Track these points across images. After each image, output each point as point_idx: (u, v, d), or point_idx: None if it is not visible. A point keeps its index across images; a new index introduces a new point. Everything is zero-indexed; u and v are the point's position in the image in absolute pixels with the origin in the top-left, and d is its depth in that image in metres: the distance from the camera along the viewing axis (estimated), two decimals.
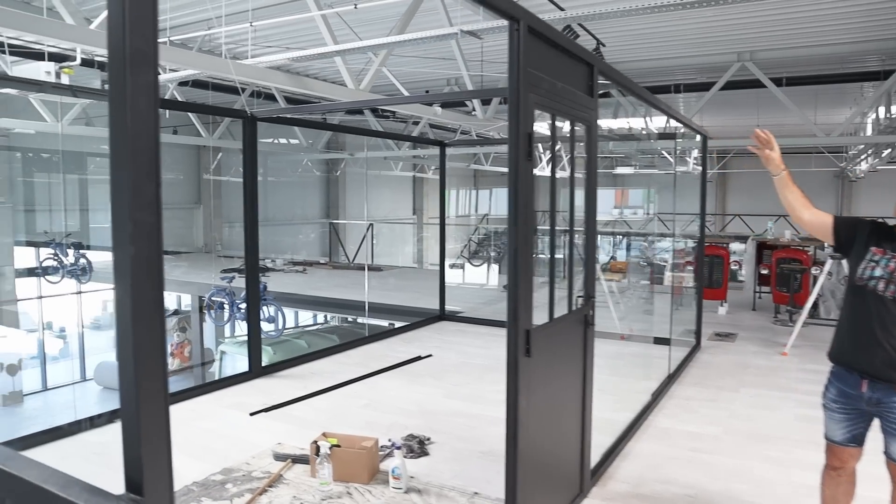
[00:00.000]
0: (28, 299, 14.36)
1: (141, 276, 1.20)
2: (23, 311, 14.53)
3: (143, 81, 1.18)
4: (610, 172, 22.44)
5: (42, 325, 15.69)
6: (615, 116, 13.87)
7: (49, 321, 16.18)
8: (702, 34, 9.66)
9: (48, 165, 14.10)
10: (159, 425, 1.29)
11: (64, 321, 16.52)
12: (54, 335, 16.64)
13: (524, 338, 2.76)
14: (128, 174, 1.18)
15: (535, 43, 2.74)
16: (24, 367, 13.99)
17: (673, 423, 5.00)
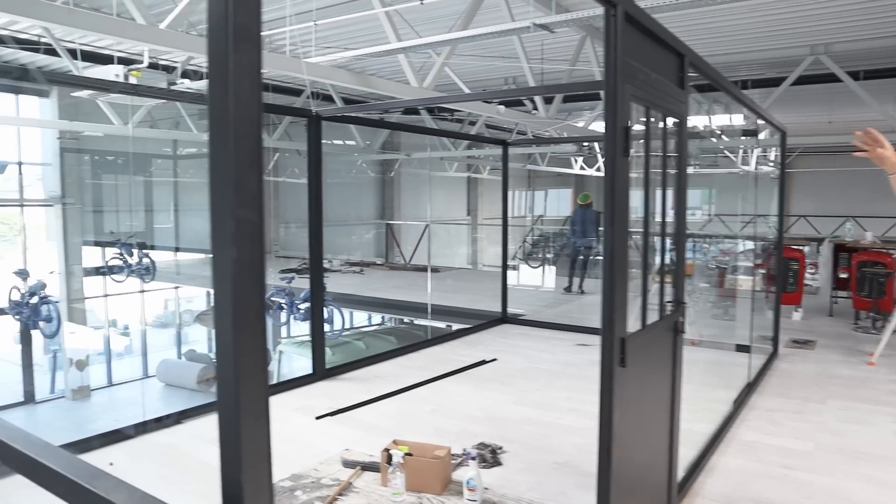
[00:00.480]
0: (95, 297, 14.76)
1: (243, 281, 1.07)
2: (89, 309, 14.92)
3: (246, 61, 1.05)
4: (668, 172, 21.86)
5: (108, 323, 16.12)
6: None
7: (114, 319, 16.62)
8: (773, 27, 9.26)
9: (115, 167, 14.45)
10: (262, 444, 1.16)
11: (128, 319, 16.95)
12: (119, 332, 17.08)
13: (619, 346, 2.57)
14: (229, 165, 1.05)
15: (630, 31, 2.55)
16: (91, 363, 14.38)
17: (758, 437, 4.71)
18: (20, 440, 1.49)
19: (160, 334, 17.75)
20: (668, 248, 3.45)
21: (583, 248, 11.39)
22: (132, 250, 13.17)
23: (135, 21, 4.52)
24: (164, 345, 17.50)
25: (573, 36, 9.14)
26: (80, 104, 11.23)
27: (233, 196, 1.04)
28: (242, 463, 1.12)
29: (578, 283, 11.44)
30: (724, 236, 15.30)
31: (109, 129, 10.62)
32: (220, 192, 1.05)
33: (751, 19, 8.84)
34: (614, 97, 2.43)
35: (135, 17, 4.52)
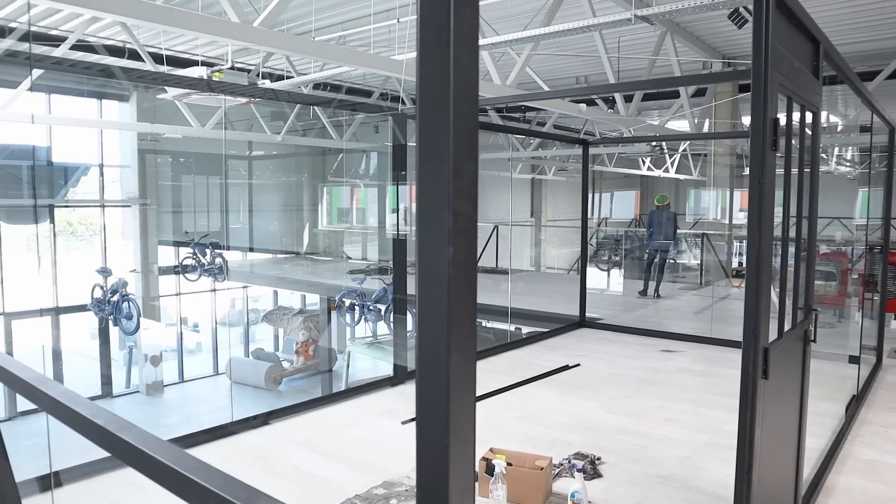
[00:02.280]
0: (168, 296, 15.13)
1: (460, 286, 0.93)
2: (163, 307, 15.30)
3: (467, 26, 0.91)
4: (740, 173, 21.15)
5: (180, 321, 16.52)
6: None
7: (186, 317, 17.02)
8: (870, 17, 8.79)
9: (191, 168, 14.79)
10: (467, 481, 1.02)
11: (199, 317, 17.34)
12: (190, 330, 17.49)
13: (763, 357, 2.36)
14: (445, 150, 0.90)
15: (778, 16, 2.35)
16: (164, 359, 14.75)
17: (877, 455, 4.39)
18: (135, 436, 1.41)
19: (230, 332, 18.11)
20: None
21: (659, 250, 11.04)
22: (205, 250, 13.43)
23: (229, 20, 4.51)
24: (233, 342, 17.85)
25: (651, 33, 8.87)
26: (159, 107, 11.51)
27: (451, 186, 0.90)
28: (450, 467, 0.98)
29: (655, 287, 11.09)
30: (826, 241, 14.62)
31: (189, 132, 10.83)
32: (433, 182, 0.91)
33: (843, 9, 8.41)
34: (764, 86, 2.22)
35: (229, 16, 4.51)
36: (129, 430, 1.45)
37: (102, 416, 1.52)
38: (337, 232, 19.62)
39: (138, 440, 1.39)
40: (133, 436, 1.42)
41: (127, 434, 1.43)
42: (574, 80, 12.22)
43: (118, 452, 1.43)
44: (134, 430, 1.45)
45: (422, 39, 0.92)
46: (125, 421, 1.50)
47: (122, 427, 1.46)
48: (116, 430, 1.45)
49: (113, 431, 1.45)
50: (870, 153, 12.37)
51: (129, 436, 1.42)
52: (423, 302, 0.97)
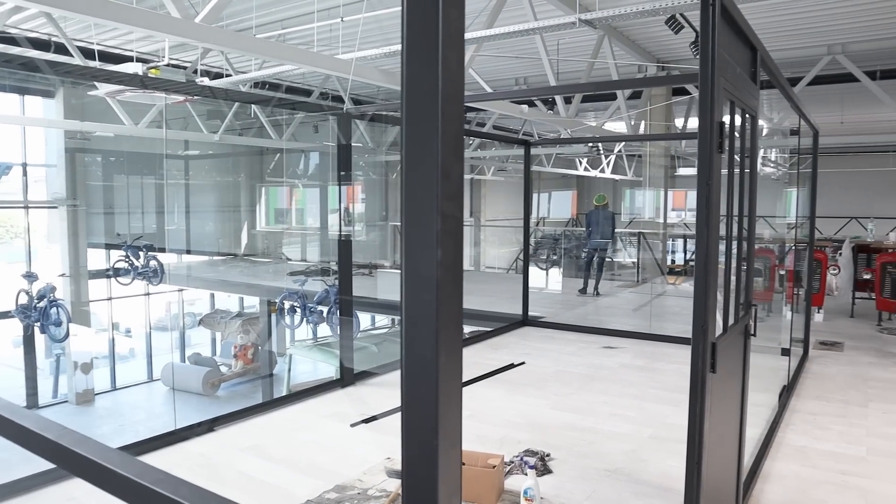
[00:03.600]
0: (100, 300, 14.59)
1: (448, 288, 0.94)
2: (93, 312, 14.75)
3: (454, 28, 0.92)
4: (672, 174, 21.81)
5: (112, 326, 15.95)
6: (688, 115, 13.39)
7: (118, 322, 16.45)
8: (792, 27, 9.21)
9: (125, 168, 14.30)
10: (454, 482, 1.03)
11: (133, 322, 16.79)
12: (123, 336, 16.91)
13: (711, 351, 2.45)
14: (434, 152, 0.91)
15: (723, 23, 2.44)
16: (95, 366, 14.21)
17: (808, 441, 4.60)
18: (83, 445, 1.36)
19: (165, 337, 17.59)
20: None
21: (598, 249, 11.29)
22: (139, 253, 13.00)
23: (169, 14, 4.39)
24: (168, 348, 17.35)
25: (590, 36, 9.05)
26: (89, 104, 11.08)
27: (439, 188, 0.90)
28: (438, 470, 0.99)
29: (594, 285, 11.33)
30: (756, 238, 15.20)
31: (122, 130, 10.46)
32: (420, 185, 0.92)
33: (771, 18, 8.77)
34: (711, 91, 2.31)
35: (169, 11, 4.39)
36: (84, 443, 1.40)
37: (53, 430, 1.45)
38: (276, 233, 19.30)
39: (97, 454, 1.34)
40: (90, 449, 1.37)
41: (83, 448, 1.37)
42: (514, 82, 12.37)
43: (74, 468, 1.38)
44: (90, 444, 1.40)
45: (408, 41, 0.92)
46: (79, 434, 1.45)
47: (76, 441, 1.41)
48: (71, 445, 1.39)
49: (67, 446, 1.39)
50: (798, 155, 13.01)
51: (85, 450, 1.36)
52: (410, 304, 0.97)
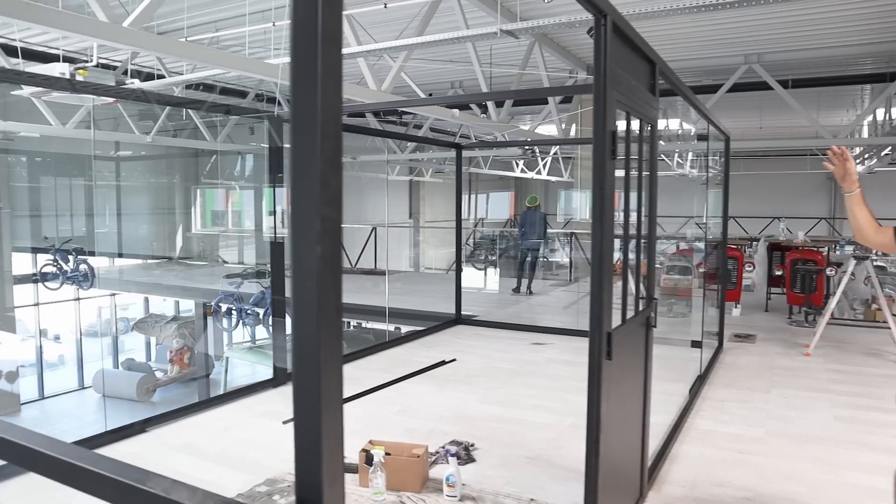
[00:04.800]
0: (26, 306, 14.17)
1: (327, 278, 1.12)
2: (19, 318, 14.30)
3: (332, 62, 1.10)
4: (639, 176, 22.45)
5: (39, 332, 15.48)
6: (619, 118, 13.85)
7: (46, 328, 15.97)
8: (711, 37, 9.70)
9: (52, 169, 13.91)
10: (337, 443, 1.21)
11: (62, 328, 16.32)
12: (52, 342, 16.42)
13: (606, 340, 2.69)
14: (315, 165, 1.09)
15: (616, 40, 2.69)
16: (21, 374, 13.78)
17: (713, 425, 4.95)
18: (41, 442, 1.48)
19: (96, 343, 17.15)
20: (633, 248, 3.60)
21: (531, 249, 11.61)
22: (68, 256, 12.69)
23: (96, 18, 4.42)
24: (100, 354, 16.91)
25: (522, 43, 9.34)
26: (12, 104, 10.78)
27: (318, 195, 1.08)
28: (322, 448, 1.16)
29: (527, 285, 11.65)
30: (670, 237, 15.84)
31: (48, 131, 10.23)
32: (304, 192, 1.09)
33: (693, 28, 9.23)
34: (603, 102, 2.55)
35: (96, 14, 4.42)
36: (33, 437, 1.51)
37: None
38: (212, 235, 19.06)
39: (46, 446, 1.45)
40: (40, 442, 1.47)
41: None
42: (450, 85, 12.60)
43: None
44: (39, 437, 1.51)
45: (294, 73, 1.10)
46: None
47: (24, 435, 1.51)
48: None
49: None
50: (707, 158, 13.64)
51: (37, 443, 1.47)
52: (297, 292, 1.15)
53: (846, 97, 13.94)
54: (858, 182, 3.06)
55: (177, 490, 1.33)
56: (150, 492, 1.32)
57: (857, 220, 3.05)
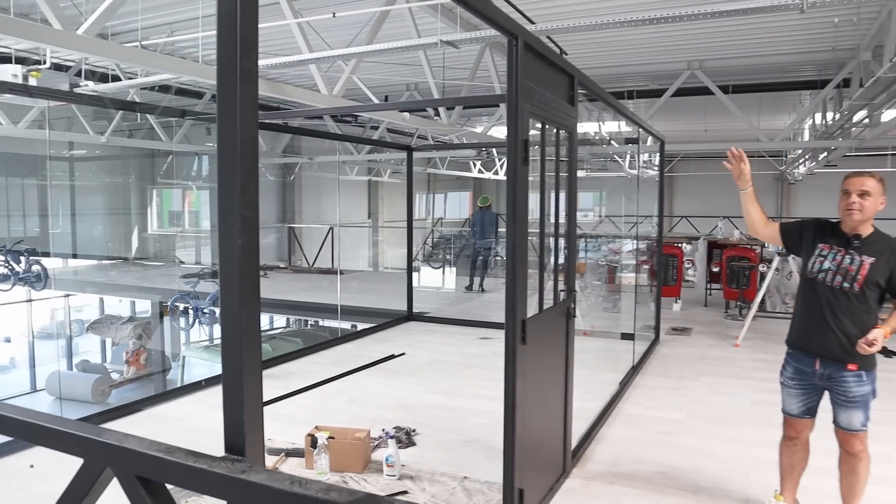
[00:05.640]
0: None
1: (247, 263, 1.40)
2: None
3: (249, 95, 1.38)
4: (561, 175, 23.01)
5: None
6: None
7: None
8: (655, 44, 10.11)
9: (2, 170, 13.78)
10: (257, 395, 1.49)
11: (13, 330, 16.11)
12: (2, 344, 16.21)
13: (521, 327, 3.01)
14: (236, 176, 1.38)
15: (529, 57, 3.00)
16: None
17: (641, 410, 5.34)
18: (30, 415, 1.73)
19: (49, 345, 16.96)
20: (562, 245, 3.94)
21: (483, 248, 11.95)
22: (20, 257, 12.60)
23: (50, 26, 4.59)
24: (54, 356, 16.73)
25: (475, 47, 9.65)
26: None
27: (239, 199, 1.37)
28: (244, 413, 1.44)
29: (479, 282, 11.99)
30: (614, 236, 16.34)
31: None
32: (227, 196, 1.38)
33: (637, 36, 9.62)
34: (515, 114, 2.86)
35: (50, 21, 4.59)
36: None
37: None
38: (168, 236, 18.97)
39: None
40: None
41: None
42: (405, 87, 12.86)
43: None
44: None
45: (219, 106, 1.39)
46: None
47: None
48: None
49: None
50: (637, 161, 14.13)
51: None
52: (223, 277, 1.43)
53: (788, 102, 14.56)
54: (752, 181, 3.44)
55: (176, 452, 1.56)
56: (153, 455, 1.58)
57: (750, 215, 3.44)
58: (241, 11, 1.38)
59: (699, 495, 3.82)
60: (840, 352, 3.11)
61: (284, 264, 18.04)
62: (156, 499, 1.49)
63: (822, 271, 3.17)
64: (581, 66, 11.26)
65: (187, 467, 1.39)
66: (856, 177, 3.13)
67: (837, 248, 3.16)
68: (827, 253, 3.19)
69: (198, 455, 1.47)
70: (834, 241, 3.19)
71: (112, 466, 1.54)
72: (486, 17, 2.62)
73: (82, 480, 1.57)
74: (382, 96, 12.54)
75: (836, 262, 3.14)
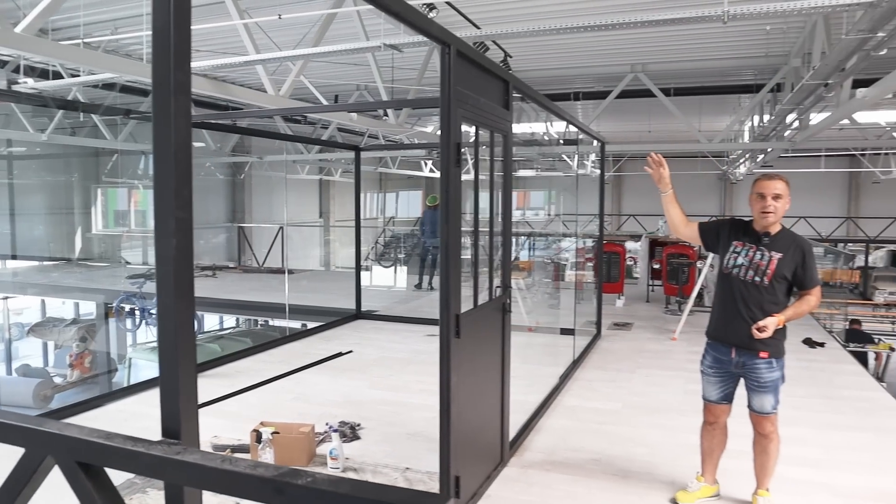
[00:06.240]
0: None
1: (181, 261, 1.51)
2: None
3: (183, 106, 1.50)
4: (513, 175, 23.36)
5: None
6: (518, 121, 14.62)
7: None
8: (599, 47, 10.39)
9: None
10: (192, 383, 1.60)
11: None
12: None
13: (455, 321, 3.16)
14: (171, 181, 1.49)
15: (461, 64, 3.15)
16: None
17: (579, 402, 5.56)
18: None
19: None
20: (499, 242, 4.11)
21: (432, 247, 12.08)
22: None
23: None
24: None
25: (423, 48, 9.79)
26: None
27: (174, 202, 1.48)
28: (180, 395, 1.56)
29: (428, 280, 12.13)
30: (560, 234, 16.70)
31: None
32: (163, 199, 1.49)
33: (582, 39, 9.86)
34: (448, 118, 3.01)
35: None
36: None
37: None
38: (114, 236, 18.60)
39: None
40: None
41: None
42: (355, 88, 12.92)
43: None
44: None
45: (154, 115, 1.50)
46: None
47: None
48: None
49: None
50: (579, 161, 14.45)
51: None
52: (159, 272, 1.54)
53: (728, 105, 15.09)
54: (671, 184, 3.66)
55: (114, 437, 1.66)
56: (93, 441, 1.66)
57: (671, 216, 3.67)
58: (174, 27, 1.49)
59: (629, 479, 4.04)
60: (752, 341, 3.35)
61: (234, 264, 17.88)
62: (95, 483, 1.58)
63: (736, 266, 3.42)
64: (529, 69, 11.56)
65: (126, 451, 1.49)
66: (768, 180, 3.38)
67: (750, 244, 3.41)
68: (740, 250, 3.43)
69: (136, 440, 1.58)
70: (746, 239, 3.44)
71: (53, 454, 1.62)
72: (418, 28, 2.76)
73: (24, 468, 1.65)
74: (332, 96, 12.58)
75: (748, 257, 3.39)
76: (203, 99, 12.59)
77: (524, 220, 23.83)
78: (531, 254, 16.06)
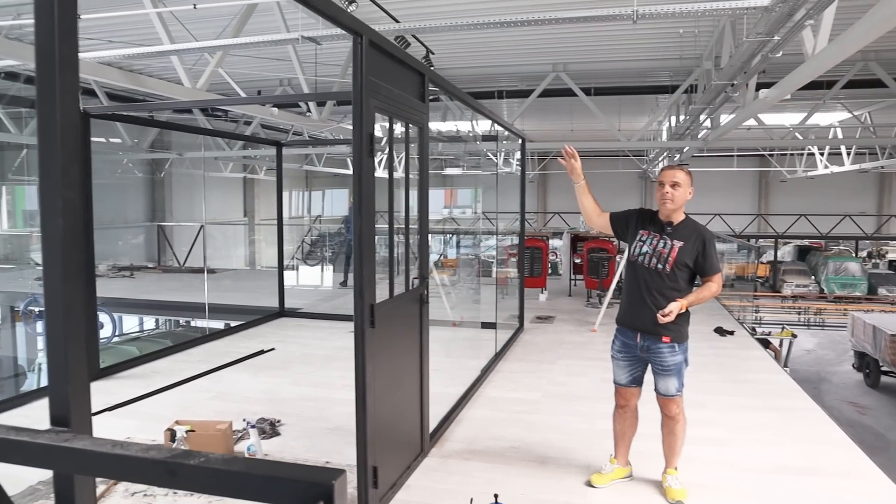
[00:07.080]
0: None
1: (69, 243, 1.47)
2: None
3: (69, 83, 1.45)
4: (440, 173, 23.46)
5: None
6: (444, 119, 14.69)
7: None
8: (521, 46, 10.56)
9: None
10: (81, 368, 1.56)
11: None
12: None
13: (369, 311, 3.16)
14: (57, 159, 1.44)
15: (375, 55, 3.16)
16: None
17: (500, 393, 5.65)
18: None
19: None
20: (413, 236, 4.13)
21: None
22: None
23: None
24: None
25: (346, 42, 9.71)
26: None
27: (60, 181, 1.44)
28: (69, 381, 1.51)
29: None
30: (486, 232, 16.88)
31: None
32: (49, 179, 1.44)
33: (503, 37, 9.99)
34: (361, 108, 3.02)
35: None
36: None
37: None
38: (24, 236, 17.68)
39: None
40: None
41: None
42: (279, 83, 12.72)
43: None
44: None
45: (38, 91, 1.45)
46: None
47: None
48: None
49: None
50: (497, 158, 14.65)
51: None
52: (45, 254, 1.49)
53: (647, 105, 15.59)
54: (584, 176, 3.77)
55: None
56: None
57: (585, 206, 3.78)
58: None
59: (547, 465, 4.14)
60: (656, 326, 3.49)
61: (153, 264, 17.30)
62: None
63: (641, 254, 3.55)
64: (453, 66, 11.61)
65: (7, 441, 1.44)
66: (668, 170, 3.53)
67: (654, 233, 3.55)
68: (646, 238, 3.57)
69: (19, 429, 1.51)
70: (652, 228, 3.58)
71: None
72: (330, 18, 2.75)
73: None
74: (255, 90, 12.34)
75: (652, 245, 3.53)
76: (120, 93, 12.13)
77: (450, 218, 23.98)
78: (457, 251, 16.18)
